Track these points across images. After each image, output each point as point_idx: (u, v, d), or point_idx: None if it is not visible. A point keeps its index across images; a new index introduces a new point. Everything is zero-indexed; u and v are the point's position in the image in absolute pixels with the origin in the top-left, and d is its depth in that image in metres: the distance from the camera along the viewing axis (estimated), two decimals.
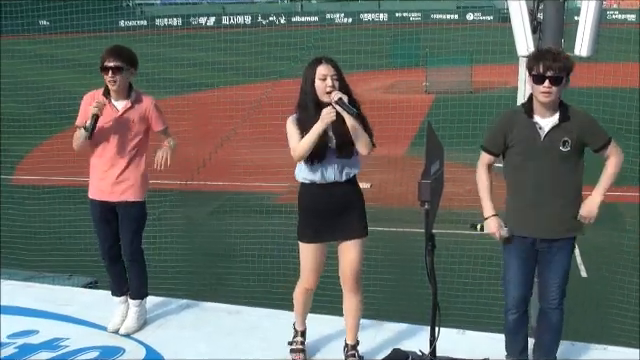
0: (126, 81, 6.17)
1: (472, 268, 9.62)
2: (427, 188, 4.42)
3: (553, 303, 5.30)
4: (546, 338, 5.47)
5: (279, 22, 63.73)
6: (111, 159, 6.22)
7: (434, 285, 4.67)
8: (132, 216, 6.32)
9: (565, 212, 5.16)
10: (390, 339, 6.17)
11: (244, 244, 11.61)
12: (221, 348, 6.19)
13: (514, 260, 5.30)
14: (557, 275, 5.26)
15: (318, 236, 5.42)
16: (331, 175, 5.31)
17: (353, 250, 5.44)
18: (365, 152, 5.23)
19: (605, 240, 11.23)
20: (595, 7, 6.31)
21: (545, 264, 5.27)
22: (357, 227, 5.43)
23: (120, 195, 6.24)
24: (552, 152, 5.04)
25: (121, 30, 36.07)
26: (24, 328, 6.63)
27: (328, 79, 5.17)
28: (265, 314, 6.94)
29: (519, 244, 5.26)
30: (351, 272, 5.50)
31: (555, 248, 5.20)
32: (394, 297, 9.11)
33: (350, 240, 5.43)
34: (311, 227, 5.42)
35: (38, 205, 12.86)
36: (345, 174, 5.32)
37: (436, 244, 4.71)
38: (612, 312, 8.67)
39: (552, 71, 4.94)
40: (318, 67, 5.21)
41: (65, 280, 9.44)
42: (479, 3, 66.19)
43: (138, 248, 6.43)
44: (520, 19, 6.51)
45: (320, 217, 5.36)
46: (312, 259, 5.47)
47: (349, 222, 5.38)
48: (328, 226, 5.37)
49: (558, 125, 5.04)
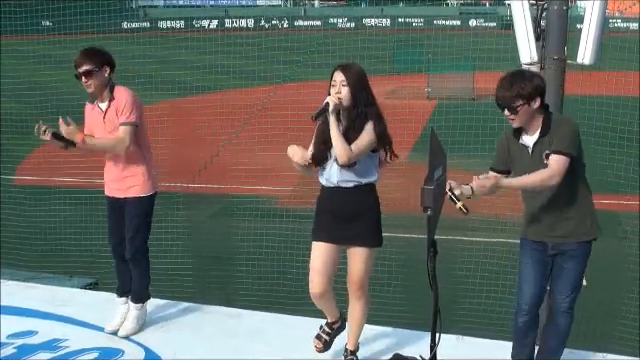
0: (102, 82, 6.21)
1: (473, 274, 9.60)
2: (430, 194, 4.43)
3: (562, 306, 5.37)
4: (551, 341, 5.51)
5: (282, 26, 63.72)
6: (111, 157, 6.35)
7: (435, 291, 4.67)
8: (134, 212, 6.36)
9: (572, 217, 5.25)
10: (391, 345, 6.18)
11: (245, 247, 11.59)
12: (221, 351, 6.19)
13: (526, 263, 5.40)
14: (568, 280, 5.34)
15: (327, 236, 5.47)
16: (334, 179, 5.37)
17: (359, 257, 5.48)
18: (340, 161, 5.24)
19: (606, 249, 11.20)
20: (598, 15, 6.32)
21: (558, 269, 5.35)
22: (366, 235, 5.47)
23: (126, 191, 6.34)
24: (540, 166, 5.12)
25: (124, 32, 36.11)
26: (23, 328, 6.64)
27: (338, 86, 5.26)
28: (266, 318, 6.94)
29: (532, 247, 5.38)
30: (355, 279, 5.54)
31: (568, 254, 5.29)
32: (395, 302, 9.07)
33: (358, 247, 5.46)
34: (321, 227, 5.51)
35: (39, 206, 12.84)
36: (351, 182, 5.36)
37: (438, 250, 4.71)
38: (613, 321, 8.66)
39: (502, 101, 5.11)
40: (333, 74, 5.34)
41: (65, 281, 9.42)
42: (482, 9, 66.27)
43: (140, 247, 6.42)
44: (523, 26, 6.53)
45: (330, 219, 5.44)
46: (317, 258, 5.50)
47: (359, 229, 5.41)
48: (338, 229, 5.43)
49: (537, 141, 5.18)
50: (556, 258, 5.33)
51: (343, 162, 5.23)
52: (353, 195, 5.38)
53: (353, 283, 5.57)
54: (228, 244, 12.32)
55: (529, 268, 5.38)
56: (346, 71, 5.31)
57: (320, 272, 5.50)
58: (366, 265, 5.52)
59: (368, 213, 5.47)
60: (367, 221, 5.45)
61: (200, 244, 12.83)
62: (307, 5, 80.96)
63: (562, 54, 6.48)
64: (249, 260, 11.14)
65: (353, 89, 5.28)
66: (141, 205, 6.36)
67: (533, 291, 5.37)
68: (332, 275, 5.59)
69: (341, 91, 5.26)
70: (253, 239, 11.63)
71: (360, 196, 5.41)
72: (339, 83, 5.27)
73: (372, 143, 5.32)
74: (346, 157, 5.20)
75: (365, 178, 5.39)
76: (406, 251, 10.31)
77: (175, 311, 7.04)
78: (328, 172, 5.41)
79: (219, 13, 68.00)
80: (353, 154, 5.22)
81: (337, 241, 5.49)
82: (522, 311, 5.41)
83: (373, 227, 5.49)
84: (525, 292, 5.39)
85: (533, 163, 5.16)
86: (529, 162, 5.19)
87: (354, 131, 5.28)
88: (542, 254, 5.35)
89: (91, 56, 6.20)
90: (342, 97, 5.26)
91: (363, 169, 5.36)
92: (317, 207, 5.57)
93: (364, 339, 6.07)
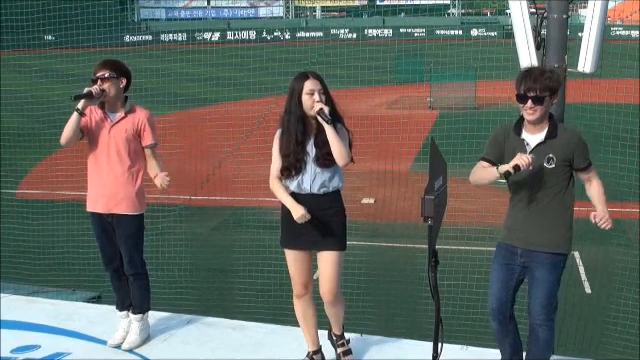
0: (118, 91, 6.20)
1: (475, 284, 9.59)
2: (430, 204, 4.42)
3: (538, 319, 5.32)
4: (534, 352, 5.49)
5: (284, 37, 63.90)
6: (106, 170, 6.22)
7: (437, 301, 4.66)
8: (127, 231, 6.29)
9: (547, 227, 5.23)
10: (393, 355, 6.16)
11: (248, 259, 11.60)
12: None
13: (495, 266, 5.43)
14: (539, 291, 5.29)
15: (295, 243, 5.58)
16: (307, 186, 5.46)
17: (327, 262, 5.58)
18: (341, 163, 5.38)
19: (609, 256, 11.21)
20: (599, 23, 6.32)
21: (530, 280, 5.35)
22: (333, 240, 5.55)
23: (114, 207, 6.23)
24: (536, 168, 5.13)
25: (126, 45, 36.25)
26: (27, 343, 6.63)
27: (315, 94, 5.35)
28: (270, 330, 6.92)
29: (504, 251, 5.39)
30: (327, 288, 5.65)
31: (537, 263, 5.27)
32: (397, 313, 9.08)
33: (329, 251, 5.56)
34: (289, 234, 5.59)
35: (42, 219, 12.85)
36: (322, 187, 5.47)
37: (439, 260, 4.71)
38: (615, 328, 8.63)
39: (533, 92, 5.09)
40: (305, 82, 5.39)
41: (68, 295, 9.44)
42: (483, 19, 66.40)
43: (139, 262, 6.40)
44: (524, 35, 6.53)
45: (299, 226, 5.46)
46: (292, 264, 5.67)
47: (326, 234, 5.52)
48: (305, 235, 5.51)
49: (544, 142, 5.18)
50: (528, 268, 5.31)
51: (344, 164, 5.38)
52: (323, 201, 5.49)
53: (326, 292, 5.64)
54: (231, 256, 12.32)
55: (495, 272, 5.41)
56: (318, 78, 5.45)
57: (298, 276, 5.68)
58: (338, 268, 5.63)
59: (336, 219, 5.57)
60: (335, 226, 5.56)
61: (203, 256, 12.84)
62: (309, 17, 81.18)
63: (562, 62, 6.48)
64: (252, 272, 11.14)
65: (328, 95, 5.44)
66: (133, 224, 6.30)
67: (497, 294, 5.37)
68: (311, 275, 5.74)
69: (322, 99, 5.37)
70: (256, 251, 11.64)
71: (329, 202, 5.53)
72: (317, 91, 5.37)
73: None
74: (348, 159, 5.36)
75: (334, 185, 5.52)
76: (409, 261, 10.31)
77: (178, 324, 7.02)
78: (299, 179, 5.47)
79: (221, 25, 68.25)
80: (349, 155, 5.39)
81: (308, 247, 5.61)
82: (491, 315, 5.45)
83: (340, 232, 5.60)
84: (490, 294, 5.43)
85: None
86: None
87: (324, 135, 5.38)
88: (510, 259, 5.34)
89: (112, 64, 6.22)
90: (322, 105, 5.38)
91: (334, 175, 5.50)
92: (284, 214, 5.59)
93: (366, 350, 6.07)
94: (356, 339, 6.34)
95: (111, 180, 6.20)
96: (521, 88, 5.13)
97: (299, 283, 5.70)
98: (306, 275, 5.70)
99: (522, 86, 5.13)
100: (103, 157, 6.21)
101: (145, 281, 6.52)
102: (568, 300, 5.55)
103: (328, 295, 5.65)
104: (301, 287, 5.71)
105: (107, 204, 6.23)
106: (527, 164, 4.97)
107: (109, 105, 6.22)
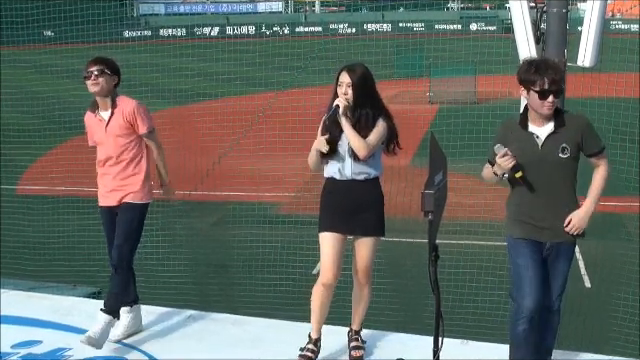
0: (109, 87, 6.23)
1: (475, 278, 9.61)
2: (430, 199, 4.42)
3: (556, 304, 5.37)
4: (549, 341, 5.50)
5: (283, 32, 63.79)
6: (109, 167, 6.34)
7: (437, 295, 4.66)
8: (126, 216, 6.32)
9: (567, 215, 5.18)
10: (394, 349, 6.16)
11: (248, 254, 11.60)
12: (226, 359, 6.18)
13: (522, 262, 5.23)
14: (559, 282, 5.32)
15: (334, 227, 5.68)
16: (348, 172, 5.61)
17: (366, 247, 5.75)
18: (360, 156, 5.51)
19: (609, 251, 11.20)
20: (598, 17, 6.32)
21: (551, 273, 5.29)
22: (373, 225, 5.73)
23: (122, 198, 6.32)
24: (551, 160, 5.11)
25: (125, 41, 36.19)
26: (27, 338, 6.64)
27: (343, 87, 5.53)
28: (270, 325, 6.93)
29: (530, 246, 5.23)
30: (362, 267, 5.80)
31: (559, 254, 5.25)
32: (398, 307, 9.07)
33: (365, 237, 5.73)
34: (328, 218, 5.71)
35: (42, 215, 12.84)
36: (363, 174, 5.62)
37: (440, 254, 4.70)
38: (615, 322, 8.64)
39: (556, 85, 5.02)
40: (340, 74, 5.59)
41: (69, 290, 9.41)
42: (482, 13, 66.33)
43: (126, 255, 6.31)
44: (523, 29, 6.53)
45: (338, 211, 5.65)
46: (329, 249, 5.69)
47: (366, 219, 5.68)
48: (345, 220, 5.66)
49: (555, 132, 5.12)
50: (549, 259, 5.26)
51: (364, 155, 5.49)
52: (364, 187, 5.64)
53: (361, 271, 5.81)
54: (231, 251, 12.33)
55: (524, 269, 5.18)
56: (352, 72, 5.56)
57: (334, 261, 5.71)
58: (373, 254, 5.81)
59: (376, 205, 5.73)
60: (375, 212, 5.72)
61: (203, 252, 12.83)
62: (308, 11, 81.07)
63: (562, 56, 6.48)
64: (252, 267, 11.15)
65: (359, 90, 5.53)
66: (133, 211, 6.31)
67: (533, 295, 5.12)
68: (341, 265, 5.80)
69: (347, 92, 5.52)
70: (256, 246, 11.64)
71: (369, 188, 5.68)
72: (345, 84, 5.53)
73: (382, 137, 5.61)
74: (366, 150, 5.48)
75: (374, 171, 5.66)
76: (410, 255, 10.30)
77: (178, 319, 7.03)
78: (341, 166, 5.62)
79: (220, 20, 68.09)
80: (370, 147, 5.49)
81: (345, 232, 5.74)
82: (523, 317, 5.16)
83: (379, 217, 5.76)
84: (523, 295, 5.15)
85: (544, 153, 5.10)
86: (538, 154, 5.11)
87: (360, 128, 5.53)
88: (538, 254, 5.22)
89: (105, 61, 6.27)
90: (349, 97, 5.52)
91: (373, 163, 5.64)
92: (324, 200, 5.78)
93: (367, 344, 6.08)
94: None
95: (116, 174, 6.30)
96: (544, 83, 4.98)
97: (330, 269, 5.70)
98: (338, 262, 5.74)
99: (544, 81, 4.97)
100: (105, 155, 6.34)
101: (124, 278, 6.33)
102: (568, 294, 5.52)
103: (362, 273, 5.80)
104: (331, 274, 5.70)
105: (116, 197, 6.33)
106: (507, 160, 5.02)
107: (101, 104, 6.30)
